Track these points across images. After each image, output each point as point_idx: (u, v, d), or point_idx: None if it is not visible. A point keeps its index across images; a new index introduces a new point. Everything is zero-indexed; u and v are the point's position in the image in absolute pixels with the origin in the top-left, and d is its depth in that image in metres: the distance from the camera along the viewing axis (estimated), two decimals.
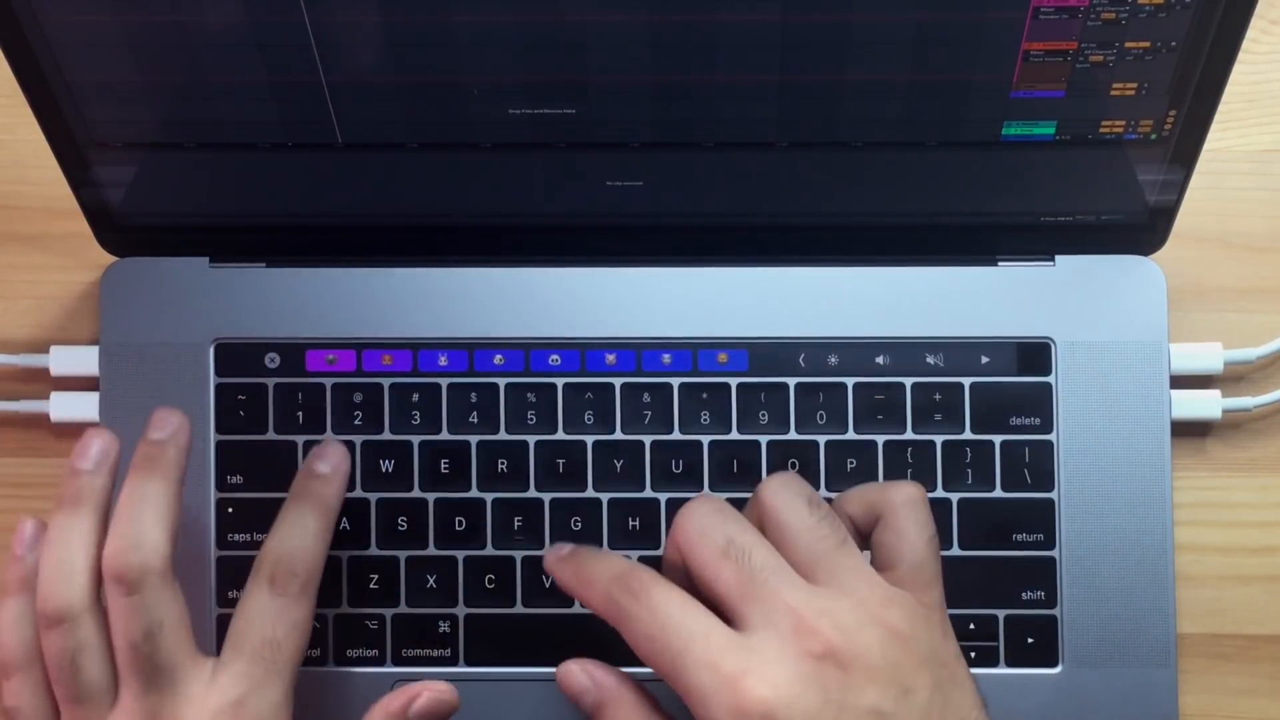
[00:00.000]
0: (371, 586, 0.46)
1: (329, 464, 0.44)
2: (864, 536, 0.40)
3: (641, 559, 0.45)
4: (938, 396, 0.46)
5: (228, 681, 0.40)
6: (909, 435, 0.46)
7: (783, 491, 0.39)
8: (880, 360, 0.46)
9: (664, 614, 0.37)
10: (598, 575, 0.39)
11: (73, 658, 0.39)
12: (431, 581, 0.46)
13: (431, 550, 0.46)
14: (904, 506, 0.39)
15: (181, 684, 0.40)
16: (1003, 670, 0.46)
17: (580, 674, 0.39)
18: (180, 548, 0.40)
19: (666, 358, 0.47)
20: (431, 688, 0.42)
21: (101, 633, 0.40)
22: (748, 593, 0.37)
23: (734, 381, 0.46)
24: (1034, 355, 0.46)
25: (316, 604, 0.42)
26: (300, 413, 0.46)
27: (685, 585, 0.38)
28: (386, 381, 0.47)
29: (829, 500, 0.39)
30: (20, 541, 0.42)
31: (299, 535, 0.42)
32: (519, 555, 0.46)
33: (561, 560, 0.40)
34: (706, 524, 0.38)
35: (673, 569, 0.39)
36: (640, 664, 0.37)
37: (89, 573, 0.40)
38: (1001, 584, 0.46)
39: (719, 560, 0.37)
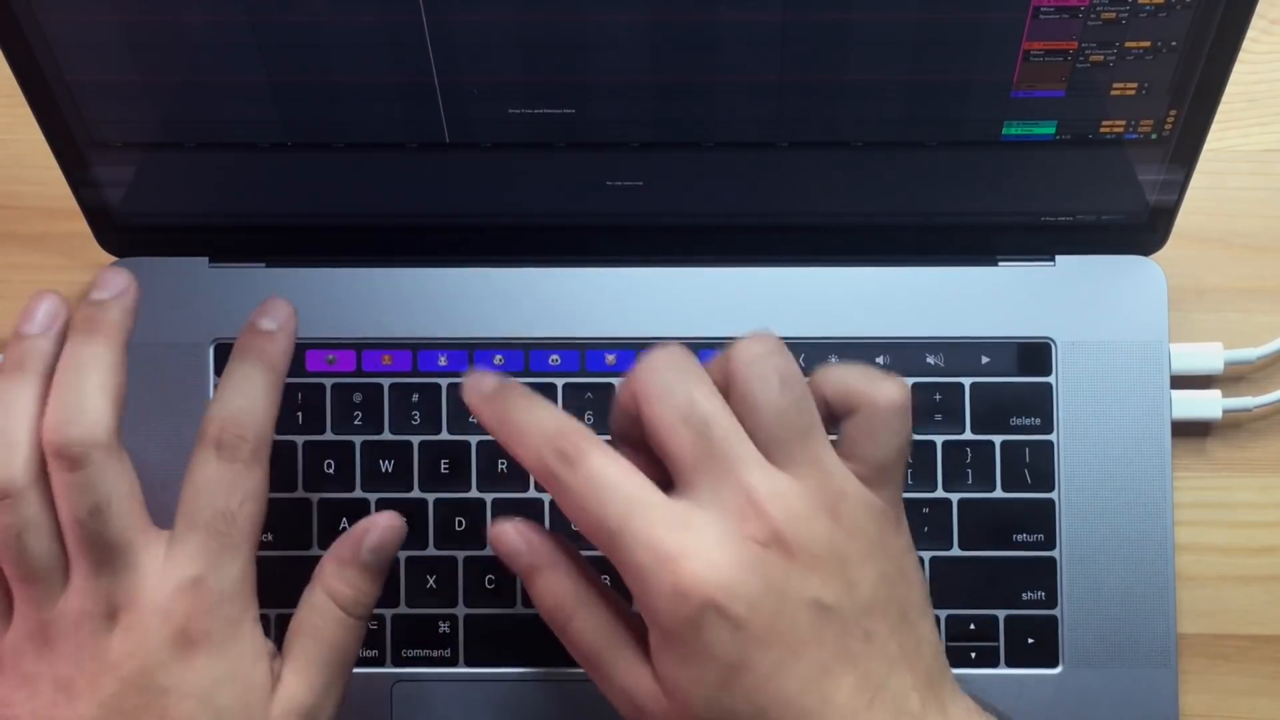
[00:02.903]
0: None
1: (275, 320, 0.40)
2: (836, 419, 0.37)
3: None
4: (938, 396, 0.46)
5: (184, 558, 0.37)
6: None
7: (758, 364, 0.36)
8: (880, 360, 0.46)
9: (600, 483, 0.35)
10: (528, 430, 0.36)
11: (18, 535, 0.36)
12: (431, 581, 0.46)
13: (431, 550, 0.46)
14: (884, 410, 0.36)
15: (135, 561, 0.37)
16: (1003, 670, 0.46)
17: (514, 535, 0.37)
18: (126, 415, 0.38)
19: None
20: (377, 521, 0.40)
21: (48, 508, 0.37)
22: (702, 463, 0.35)
23: None
24: (1034, 355, 0.46)
25: (270, 470, 0.39)
26: (300, 413, 0.46)
27: (633, 434, 0.36)
28: (386, 381, 0.47)
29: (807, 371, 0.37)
30: None
31: (246, 395, 0.38)
32: None
33: (486, 400, 0.37)
34: (670, 382, 0.35)
35: (624, 417, 0.37)
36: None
37: (32, 445, 0.37)
38: (1001, 584, 0.46)
39: (678, 424, 0.35)
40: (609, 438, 0.37)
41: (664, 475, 0.36)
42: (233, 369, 0.39)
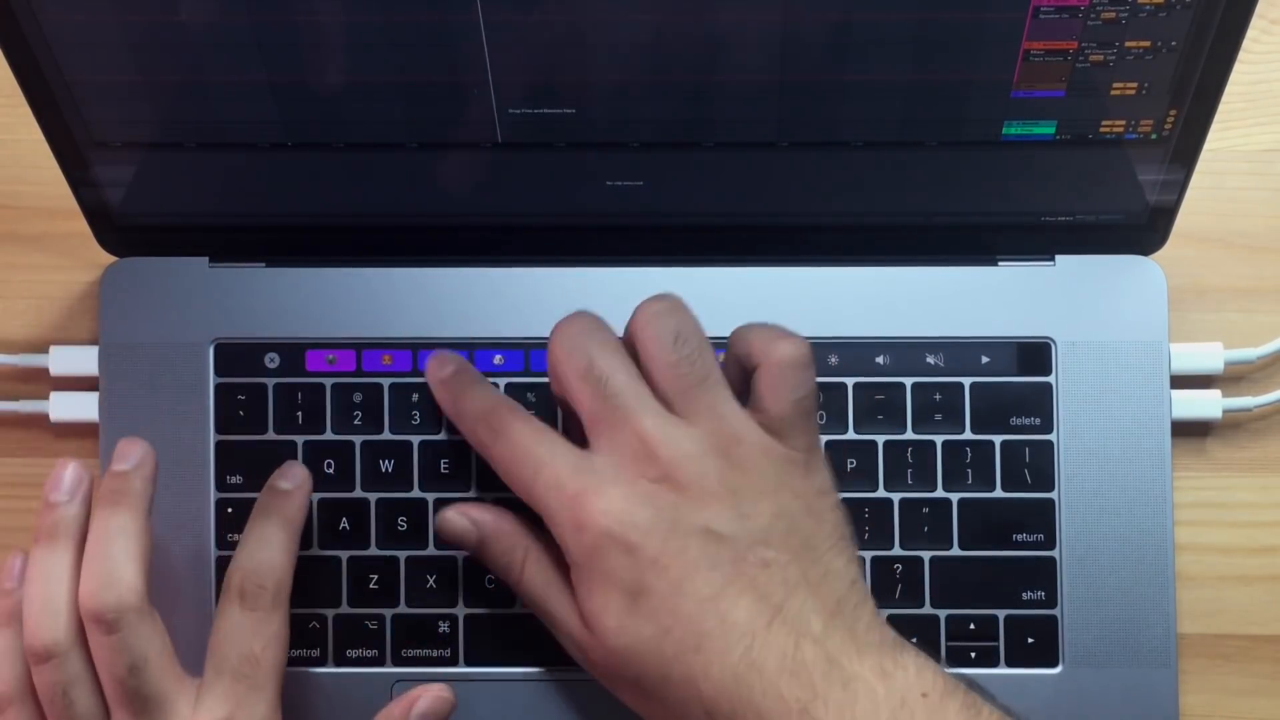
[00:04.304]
0: (371, 587, 0.46)
1: (291, 481, 0.44)
2: (748, 374, 0.40)
3: None
4: (938, 396, 0.46)
5: (213, 702, 0.40)
6: (909, 435, 0.46)
7: (654, 322, 0.40)
8: (880, 360, 0.46)
9: (519, 446, 0.40)
10: (467, 409, 0.42)
11: (64, 691, 0.40)
12: (431, 581, 0.46)
13: (431, 550, 0.46)
14: (779, 366, 0.39)
15: (170, 710, 0.40)
16: (1003, 670, 0.46)
17: (457, 518, 0.43)
18: (153, 576, 0.41)
19: None
20: (429, 690, 0.43)
21: (89, 666, 0.40)
22: (601, 416, 0.39)
23: None
24: (1034, 355, 0.46)
25: (290, 615, 0.42)
26: (300, 413, 0.46)
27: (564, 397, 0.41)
28: (386, 381, 0.47)
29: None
30: (8, 576, 0.42)
31: (266, 549, 0.42)
32: None
33: (443, 383, 0.44)
34: (572, 344, 0.40)
35: (553, 382, 0.41)
36: None
37: (72, 607, 0.40)
38: (1001, 584, 0.46)
39: (579, 382, 0.39)
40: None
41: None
42: (253, 526, 0.43)
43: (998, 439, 0.46)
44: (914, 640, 0.38)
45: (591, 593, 0.38)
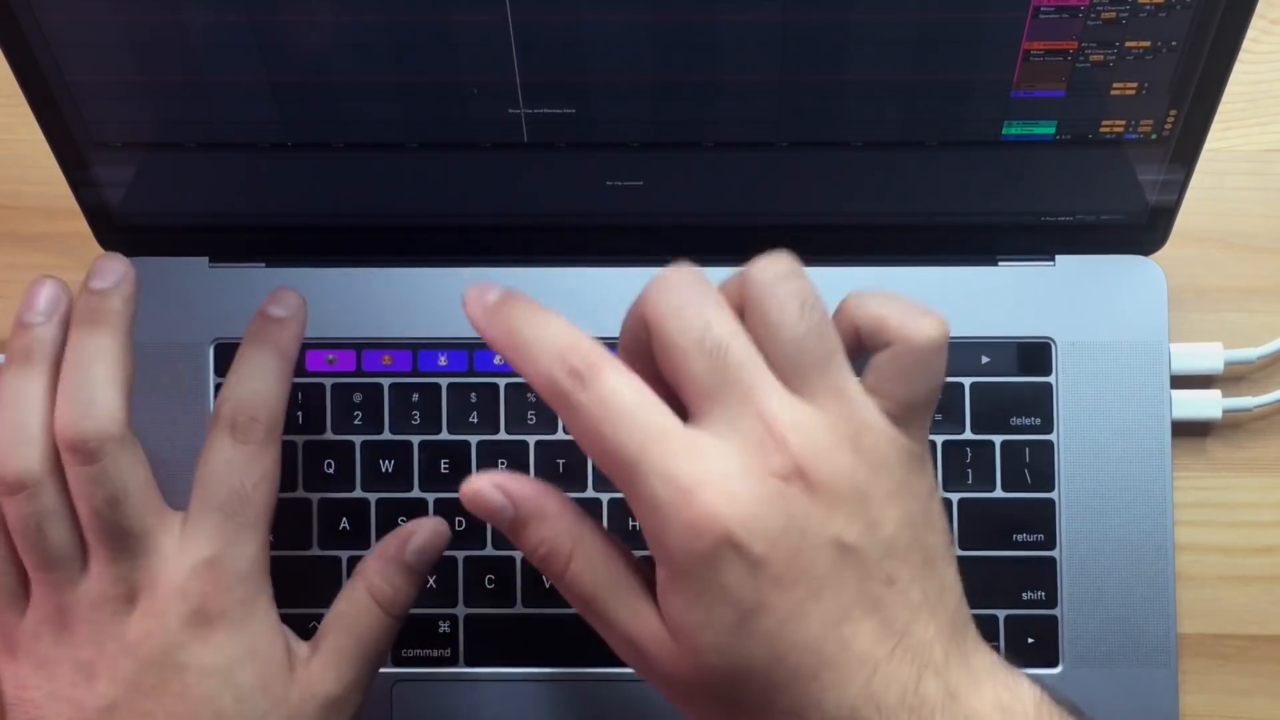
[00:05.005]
0: None
1: (286, 308, 0.41)
2: (864, 350, 0.35)
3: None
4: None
5: (199, 539, 0.38)
6: None
7: (776, 287, 0.34)
8: None
9: (616, 407, 0.32)
10: (537, 345, 0.33)
11: (38, 525, 0.37)
12: (431, 581, 0.46)
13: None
14: (921, 347, 0.34)
15: (152, 546, 0.38)
16: None
17: (492, 492, 0.34)
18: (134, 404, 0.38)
19: None
20: (424, 524, 0.41)
21: (64, 497, 0.38)
22: (718, 391, 0.32)
23: None
24: (1034, 355, 0.46)
25: (281, 452, 0.40)
26: (300, 413, 0.46)
27: (642, 360, 0.34)
28: (386, 381, 0.47)
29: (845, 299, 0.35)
30: None
31: (259, 379, 0.39)
32: (519, 555, 0.46)
33: (490, 313, 0.35)
34: (683, 302, 0.33)
35: (633, 342, 0.34)
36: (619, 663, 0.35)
37: (46, 435, 0.37)
38: (1001, 584, 0.46)
39: (692, 348, 0.33)
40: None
41: (674, 404, 0.33)
42: (244, 354, 0.40)
43: (998, 439, 0.46)
44: None
45: (692, 604, 0.32)
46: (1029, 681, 0.34)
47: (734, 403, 0.32)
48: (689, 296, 0.33)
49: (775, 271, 0.34)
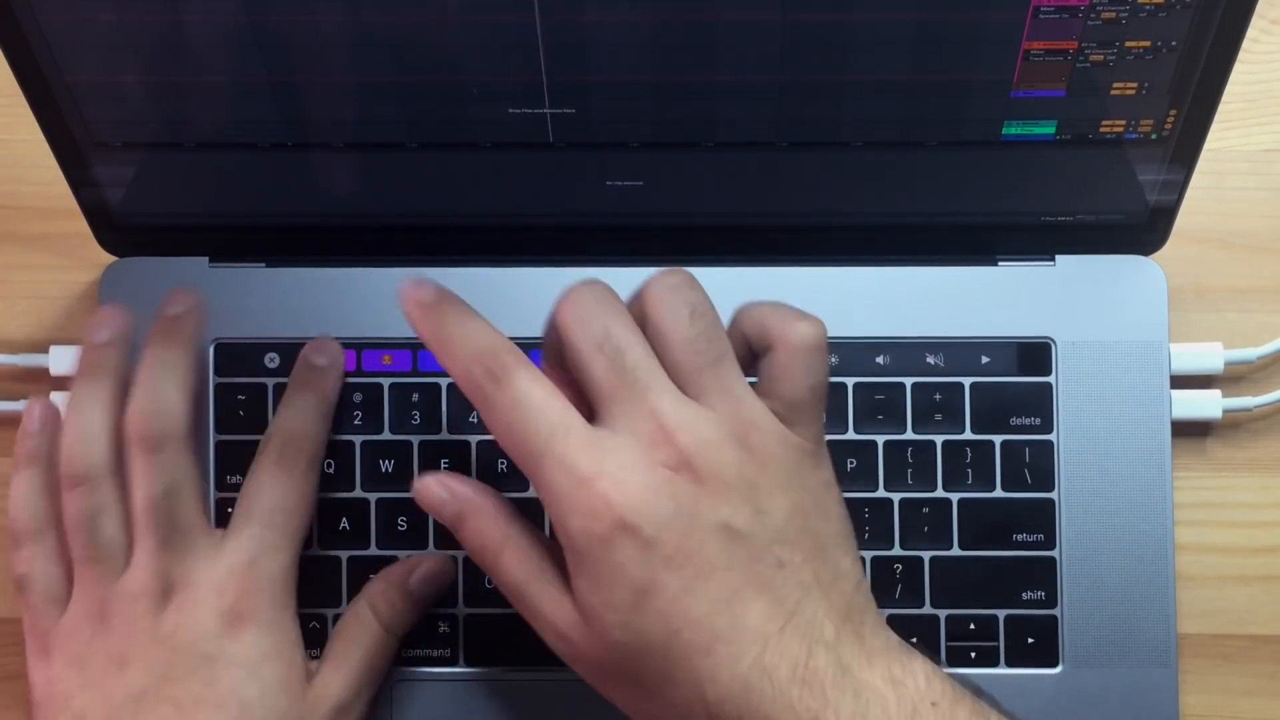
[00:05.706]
0: None
1: (326, 358, 0.45)
2: (756, 356, 0.39)
3: None
4: (938, 396, 0.46)
5: (239, 544, 0.42)
6: (909, 435, 0.46)
7: (668, 298, 0.37)
8: (880, 360, 0.46)
9: (525, 404, 0.36)
10: (460, 344, 0.38)
11: (93, 516, 0.41)
12: None
13: (431, 550, 0.46)
14: (797, 349, 0.37)
15: (194, 546, 0.41)
16: (1003, 670, 0.46)
17: (436, 487, 0.39)
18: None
19: None
20: (429, 559, 0.45)
21: (120, 497, 0.41)
22: (616, 391, 0.36)
23: None
24: (1034, 355, 0.46)
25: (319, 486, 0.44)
26: None
27: (560, 367, 0.38)
28: (386, 381, 0.47)
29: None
30: (31, 420, 0.43)
31: (303, 417, 0.44)
32: None
33: (424, 310, 0.38)
34: (587, 312, 0.37)
35: (551, 347, 0.39)
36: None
37: (110, 437, 0.42)
38: (1001, 584, 0.46)
39: (593, 352, 0.37)
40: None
41: (588, 405, 0.37)
42: (292, 396, 0.44)
43: (998, 439, 0.46)
44: (913, 641, 0.38)
45: (595, 586, 0.36)
46: (924, 659, 0.36)
47: (630, 401, 0.36)
48: (593, 307, 0.37)
49: (668, 284, 0.38)
